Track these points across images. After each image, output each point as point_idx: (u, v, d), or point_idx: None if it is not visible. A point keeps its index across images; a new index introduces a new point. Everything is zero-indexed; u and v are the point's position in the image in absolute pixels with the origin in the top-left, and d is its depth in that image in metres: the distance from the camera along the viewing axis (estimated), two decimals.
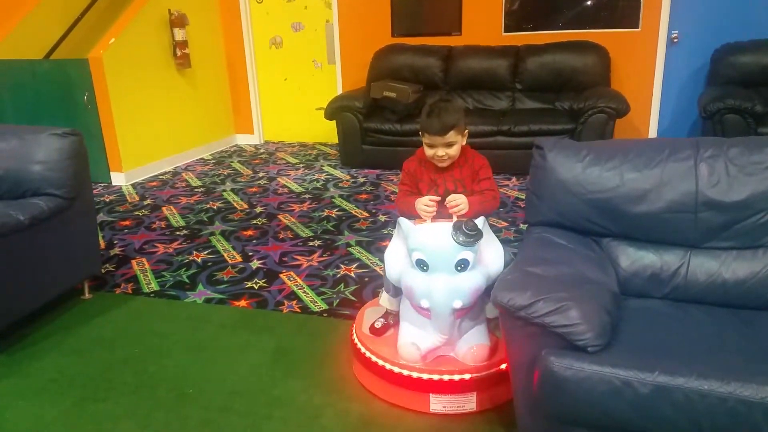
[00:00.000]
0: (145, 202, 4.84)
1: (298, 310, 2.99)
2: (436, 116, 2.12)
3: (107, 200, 4.91)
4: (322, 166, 5.80)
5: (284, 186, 5.17)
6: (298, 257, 3.64)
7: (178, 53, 5.79)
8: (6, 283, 2.60)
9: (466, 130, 2.20)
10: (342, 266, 3.49)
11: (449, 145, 2.14)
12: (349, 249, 3.74)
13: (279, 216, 4.40)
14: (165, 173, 5.74)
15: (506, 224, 4.08)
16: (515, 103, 5.60)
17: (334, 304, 3.04)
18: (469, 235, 1.96)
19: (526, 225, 2.28)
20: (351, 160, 5.60)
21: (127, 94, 5.31)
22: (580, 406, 1.62)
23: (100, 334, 2.84)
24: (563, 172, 2.11)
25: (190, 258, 3.68)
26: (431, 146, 2.17)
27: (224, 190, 5.11)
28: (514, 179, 5.09)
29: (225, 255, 3.71)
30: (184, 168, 5.92)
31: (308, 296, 3.14)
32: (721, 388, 1.51)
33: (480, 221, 2.04)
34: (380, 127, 5.33)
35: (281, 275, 3.40)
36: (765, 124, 4.51)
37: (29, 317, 2.89)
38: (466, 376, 2.13)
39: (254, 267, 3.52)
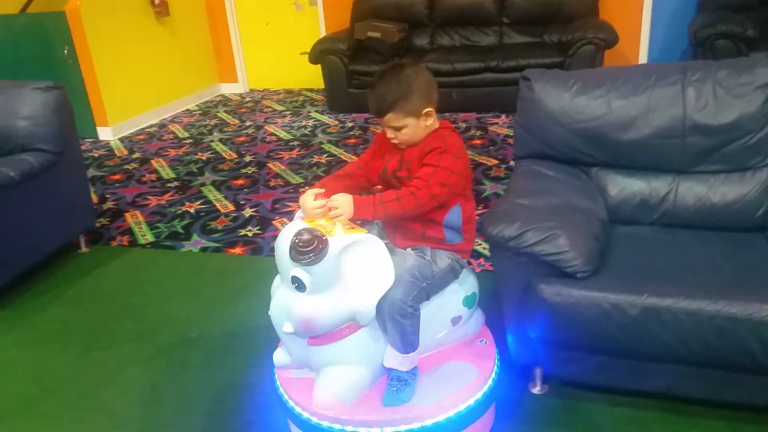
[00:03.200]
0: (134, 156, 4.80)
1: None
2: (374, 92, 1.65)
3: (96, 155, 4.86)
4: (309, 112, 5.74)
5: (272, 134, 5.13)
6: (291, 203, 3.65)
7: (156, 1, 5.62)
8: (3, 238, 2.61)
9: (427, 110, 1.64)
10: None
11: (395, 129, 1.66)
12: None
13: (269, 164, 4.38)
14: (151, 126, 5.66)
15: (496, 162, 4.08)
16: (503, 38, 5.50)
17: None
18: (301, 253, 1.50)
19: (515, 160, 2.28)
20: (338, 105, 5.53)
21: (108, 46, 5.18)
22: (571, 331, 1.67)
23: (99, 286, 2.87)
24: (551, 103, 2.10)
25: (183, 209, 3.69)
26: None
27: (212, 141, 5.06)
28: (503, 117, 5.06)
29: (217, 205, 3.72)
30: (170, 120, 5.85)
31: None
32: (709, 306, 1.56)
33: (350, 238, 1.54)
34: (366, 69, 5.24)
35: (274, 222, 3.42)
36: (757, 49, 4.45)
37: (29, 273, 2.91)
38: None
39: (247, 215, 3.53)
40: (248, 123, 5.53)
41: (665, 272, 1.73)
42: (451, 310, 1.78)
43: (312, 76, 6.34)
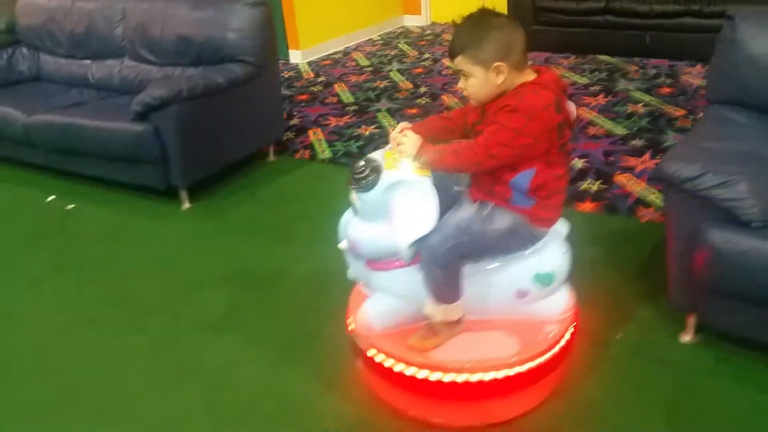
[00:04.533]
0: (319, 79, 5.15)
1: None
2: (454, 33, 1.57)
3: (286, 76, 5.29)
4: None
5: (448, 67, 5.18)
6: None
7: None
8: (209, 138, 3.02)
9: (498, 65, 1.50)
10: None
11: (464, 75, 1.56)
12: None
13: (442, 96, 4.48)
14: (337, 52, 5.99)
15: (684, 112, 3.81)
16: None
17: None
18: (353, 178, 1.59)
19: (706, 105, 2.16)
20: None
21: None
22: (735, 279, 1.62)
23: (283, 191, 3.22)
24: (754, 46, 1.94)
25: (359, 131, 3.93)
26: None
27: (390, 70, 5.25)
28: (699, 66, 4.63)
29: (390, 130, 3.90)
30: (354, 48, 6.13)
31: None
32: None
33: (399, 177, 1.58)
34: (554, 5, 5.05)
35: None
36: None
37: (225, 172, 3.34)
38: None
39: None
40: (426, 55, 5.64)
41: None
42: (517, 280, 1.67)
43: None
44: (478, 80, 1.53)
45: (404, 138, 1.59)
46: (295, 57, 5.73)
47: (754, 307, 1.67)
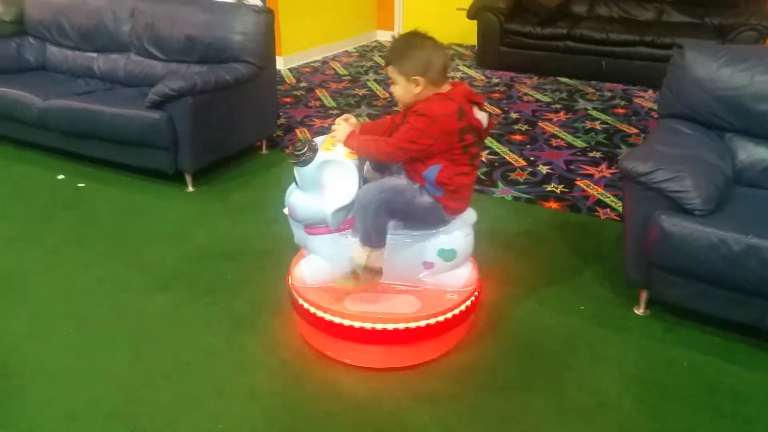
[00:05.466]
0: (301, 84, 5.45)
1: None
2: (390, 45, 2.00)
3: None
4: (457, 65, 6.11)
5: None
6: None
7: None
8: (215, 129, 3.29)
9: (415, 78, 1.86)
10: None
11: (390, 81, 1.95)
12: None
13: None
14: (315, 61, 6.30)
15: (636, 131, 4.28)
16: (662, 15, 5.54)
17: None
18: (293, 154, 1.95)
19: (658, 118, 2.57)
20: (487, 61, 5.86)
21: None
22: (681, 258, 2.01)
23: (276, 179, 3.48)
24: (698, 70, 2.37)
25: None
26: None
27: (368, 80, 5.60)
28: (650, 91, 5.16)
29: None
30: (331, 58, 6.45)
31: None
32: None
33: (329, 156, 1.93)
34: (520, 30, 5.52)
35: None
36: None
37: (224, 161, 3.59)
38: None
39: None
40: None
41: None
42: (424, 253, 2.05)
43: (463, 32, 6.68)
44: (400, 87, 1.91)
45: (338, 126, 1.98)
46: (278, 63, 5.99)
47: (696, 282, 2.06)
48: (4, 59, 3.91)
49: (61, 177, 3.49)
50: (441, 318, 2.02)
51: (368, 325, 1.97)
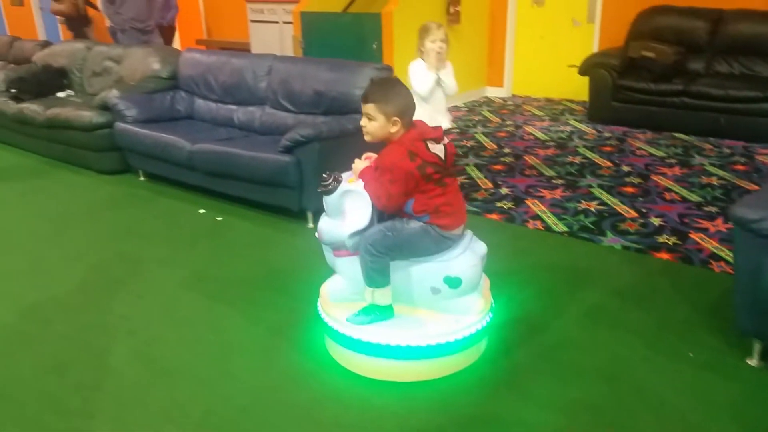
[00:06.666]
0: None
1: (542, 228, 3.58)
2: (372, 84, 2.23)
3: None
4: (567, 119, 6.19)
5: (530, 134, 5.69)
6: (543, 190, 4.20)
7: (451, 10, 6.55)
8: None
9: (395, 119, 2.10)
10: (583, 201, 3.97)
11: (369, 117, 2.14)
12: (591, 190, 4.18)
13: (525, 157, 4.96)
14: None
15: (757, 188, 4.13)
16: None
17: (574, 228, 3.57)
18: (321, 184, 2.24)
19: None
20: (598, 116, 5.90)
21: (408, 44, 6.20)
22: None
23: None
24: None
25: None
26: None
27: (476, 133, 5.81)
28: None
29: (479, 181, 4.41)
30: None
31: (550, 219, 3.70)
32: None
33: (349, 187, 2.20)
34: (634, 86, 5.53)
35: (526, 201, 3.99)
36: None
37: None
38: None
39: (503, 192, 4.16)
40: (508, 122, 6.18)
41: None
42: (430, 279, 2.23)
43: (574, 88, 6.77)
44: (378, 124, 2.12)
45: (357, 161, 2.27)
46: None
47: None
48: (160, 109, 4.58)
49: (202, 211, 3.98)
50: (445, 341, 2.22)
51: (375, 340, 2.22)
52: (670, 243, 3.35)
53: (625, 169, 4.61)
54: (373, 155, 2.29)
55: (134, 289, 3.00)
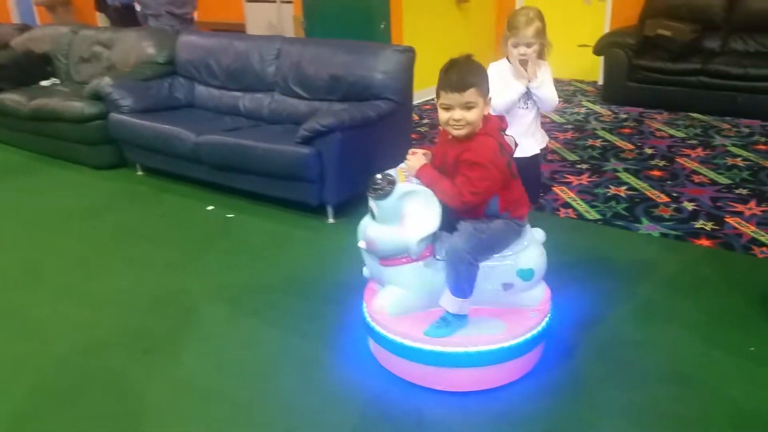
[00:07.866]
0: (424, 121, 5.55)
1: (574, 216, 3.41)
2: (456, 71, 1.87)
3: None
4: (580, 101, 6.01)
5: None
6: (569, 176, 4.02)
7: None
8: (357, 163, 3.38)
9: (490, 97, 1.92)
10: (611, 187, 3.80)
11: (468, 107, 1.85)
12: (617, 174, 4.02)
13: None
14: (433, 99, 6.40)
15: None
16: None
17: (608, 216, 3.40)
18: (372, 188, 1.95)
19: None
20: (613, 97, 5.72)
21: (416, 25, 5.98)
22: None
23: None
24: None
25: None
26: (447, 108, 1.88)
27: None
28: None
29: None
30: None
31: (581, 207, 3.53)
32: None
33: (410, 188, 1.94)
34: (650, 65, 5.37)
35: (553, 188, 3.82)
36: None
37: (359, 195, 3.66)
38: None
39: None
40: None
41: None
42: (504, 275, 2.05)
43: (584, 69, 6.58)
44: (479, 110, 1.87)
45: (411, 157, 2.02)
46: None
47: None
48: (158, 98, 4.27)
49: (210, 208, 3.70)
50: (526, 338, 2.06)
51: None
52: (707, 229, 3.20)
53: (648, 151, 4.45)
54: (420, 151, 2.06)
55: (147, 301, 2.72)
